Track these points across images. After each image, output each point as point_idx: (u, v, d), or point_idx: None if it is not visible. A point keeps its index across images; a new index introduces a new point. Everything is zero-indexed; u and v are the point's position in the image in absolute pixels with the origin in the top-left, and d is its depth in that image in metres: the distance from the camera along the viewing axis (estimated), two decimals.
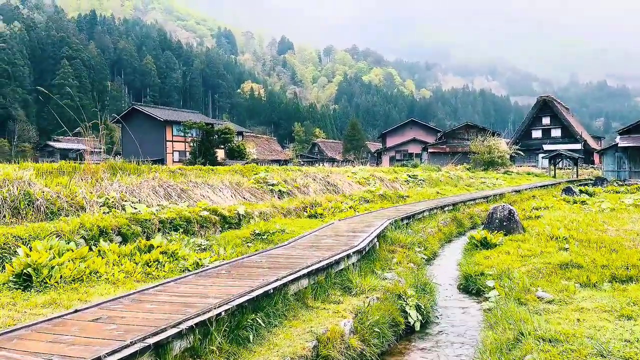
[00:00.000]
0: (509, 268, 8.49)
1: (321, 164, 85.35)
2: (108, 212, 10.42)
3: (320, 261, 6.28)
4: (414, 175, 27.68)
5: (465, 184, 27.95)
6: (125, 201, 11.21)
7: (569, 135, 74.29)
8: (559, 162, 50.95)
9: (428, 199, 20.38)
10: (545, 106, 76.67)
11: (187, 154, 47.79)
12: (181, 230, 10.67)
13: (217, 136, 47.80)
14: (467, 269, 8.81)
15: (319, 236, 9.24)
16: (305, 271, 5.72)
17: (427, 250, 10.89)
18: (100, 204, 10.65)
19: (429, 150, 57.90)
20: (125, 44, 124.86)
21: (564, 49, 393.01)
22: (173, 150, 50.88)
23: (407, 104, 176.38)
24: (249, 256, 7.22)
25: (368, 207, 16.43)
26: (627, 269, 8.05)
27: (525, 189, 26.46)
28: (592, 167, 58.92)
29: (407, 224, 12.61)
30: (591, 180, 42.74)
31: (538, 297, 6.61)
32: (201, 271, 6.23)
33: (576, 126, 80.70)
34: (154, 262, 7.49)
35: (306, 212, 14.82)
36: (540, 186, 29.46)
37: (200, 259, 7.49)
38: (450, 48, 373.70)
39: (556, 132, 75.38)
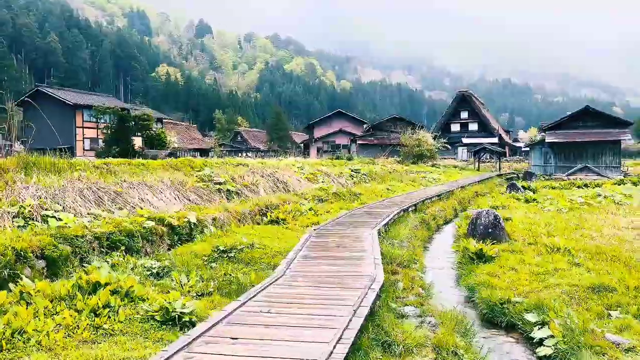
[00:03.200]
0: (537, 294, 7.25)
1: (245, 154, 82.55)
2: (24, 227, 7.93)
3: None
4: (356, 169, 26.47)
5: (410, 179, 27.21)
6: (46, 210, 8.71)
7: (486, 129, 77.51)
8: (483, 155, 52.45)
9: (381, 196, 19.18)
10: (463, 101, 79.39)
11: (100, 141, 43.45)
12: (123, 248, 8.41)
13: (134, 123, 43.78)
14: (485, 295, 7.46)
15: (307, 257, 7.46)
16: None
17: (418, 264, 9.48)
18: (13, 214, 8.12)
19: (357, 142, 57.37)
20: (25, 19, 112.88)
21: (475, 46, 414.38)
22: (84, 138, 46.09)
23: (328, 94, 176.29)
24: (243, 303, 5.27)
25: (328, 208, 14.84)
26: None
27: (467, 185, 26.18)
28: (513, 161, 61.63)
29: (381, 231, 11.15)
30: (514, 174, 44.24)
31: (612, 343, 5.34)
32: (195, 338, 4.19)
33: (492, 121, 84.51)
34: (104, 307, 5.35)
35: (265, 216, 12.91)
36: (479, 181, 29.50)
37: (169, 303, 5.43)
38: (370, 41, 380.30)
39: (473, 126, 78.37)
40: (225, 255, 8.65)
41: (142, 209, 10.67)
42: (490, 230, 11.21)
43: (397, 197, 18.64)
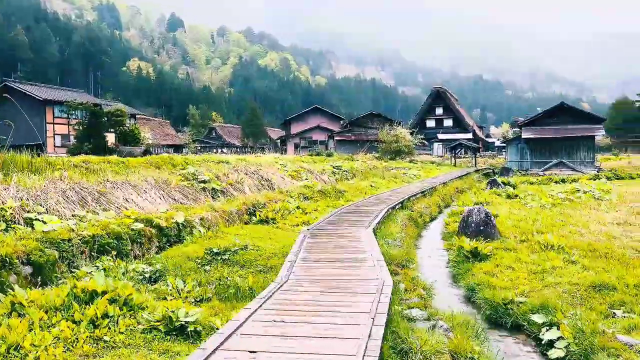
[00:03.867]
0: (539, 293, 7.22)
1: (220, 150, 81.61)
2: (6, 230, 7.50)
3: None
4: (337, 166, 26.34)
5: (391, 176, 27.21)
6: (29, 212, 8.27)
7: (460, 125, 78.46)
8: (459, 151, 53.00)
9: (366, 193, 19.07)
10: (438, 97, 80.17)
11: (72, 138, 42.13)
12: (113, 252, 8.06)
13: (107, 119, 42.61)
14: (488, 295, 7.39)
15: (307, 260, 7.26)
16: None
17: (413, 263, 9.38)
18: None
19: (335, 139, 57.26)
20: None
21: (446, 42, 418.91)
22: (54, 134, 44.64)
23: (303, 90, 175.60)
24: (253, 312, 5.03)
25: (315, 206, 14.64)
26: None
27: (448, 181, 26.32)
28: (486, 156, 62.49)
29: (375, 229, 11.01)
30: (490, 169, 44.82)
31: (625, 344, 5.30)
32: (212, 353, 3.92)
33: (466, 117, 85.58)
34: (103, 318, 5.04)
35: (252, 215, 12.64)
36: (458, 177, 29.71)
37: (172, 311, 5.15)
38: (344, 36, 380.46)
39: (448, 122, 79.23)
40: (219, 258, 8.37)
41: (127, 209, 10.28)
42: (481, 227, 11.20)
43: (382, 194, 18.56)
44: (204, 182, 14.34)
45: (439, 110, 79.67)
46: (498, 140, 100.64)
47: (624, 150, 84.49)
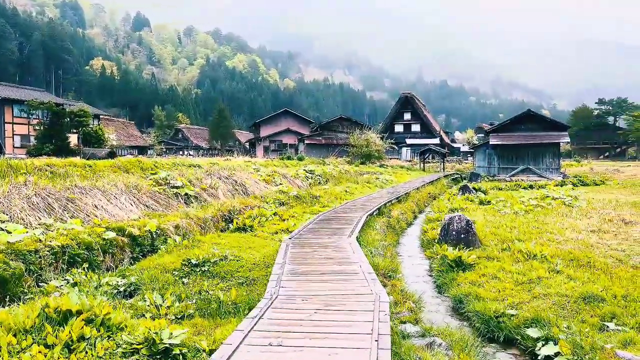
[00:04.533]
0: (529, 306, 7.11)
1: (187, 152, 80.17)
2: None
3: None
4: (310, 170, 26.06)
5: (364, 181, 27.08)
6: None
7: (428, 130, 79.50)
8: (427, 156, 53.57)
9: (341, 199, 18.84)
10: (406, 102, 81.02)
11: (32, 139, 40.56)
12: (84, 263, 7.54)
13: (69, 119, 41.19)
14: (479, 308, 7.23)
15: (295, 273, 6.93)
16: None
17: (399, 273, 9.17)
18: None
19: (305, 142, 56.96)
20: None
21: (413, 48, 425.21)
22: (13, 134, 42.86)
23: (272, 92, 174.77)
24: (246, 334, 4.68)
25: (291, 212, 14.29)
26: None
27: (420, 186, 26.40)
28: (453, 162, 63.39)
29: (358, 238, 10.77)
30: (458, 174, 45.43)
31: None
32: None
33: (433, 122, 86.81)
34: (78, 340, 4.59)
35: (228, 222, 12.21)
36: (429, 182, 29.87)
37: (155, 333, 4.73)
38: (312, 39, 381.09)
39: (416, 127, 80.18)
40: (197, 270, 7.94)
41: (97, 217, 9.73)
42: (462, 235, 11.12)
43: (358, 199, 18.36)
44: (177, 187, 13.82)
45: (407, 116, 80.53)
46: (463, 145, 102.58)
47: (584, 156, 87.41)
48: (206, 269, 7.94)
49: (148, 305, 6.36)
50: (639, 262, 9.40)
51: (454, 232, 11.20)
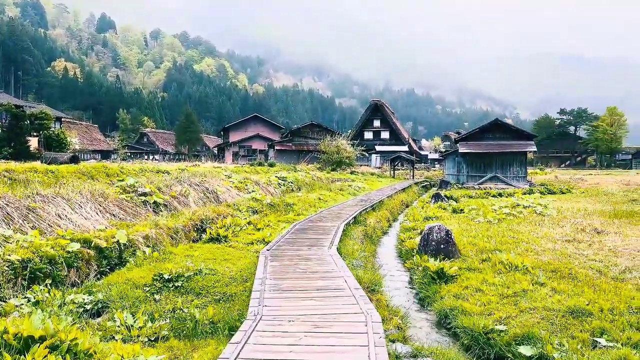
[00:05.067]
0: (517, 321, 6.91)
1: (152, 157, 78.44)
2: None
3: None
4: (282, 177, 25.64)
5: (337, 188, 26.81)
6: None
7: (397, 138, 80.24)
8: (397, 163, 53.87)
9: (315, 206, 18.50)
10: (376, 110, 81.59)
11: None
12: (46, 279, 6.95)
13: (29, 122, 39.63)
14: (467, 323, 6.98)
15: (277, 289, 6.53)
16: None
17: (382, 286, 8.87)
18: None
19: (276, 148, 56.45)
20: None
21: (381, 57, 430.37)
22: None
23: (241, 97, 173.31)
24: None
25: (266, 221, 13.85)
26: (639, 313, 7.13)
27: (393, 194, 26.31)
28: (421, 169, 63.96)
29: (338, 249, 10.43)
30: (427, 181, 45.78)
31: None
32: None
33: (402, 130, 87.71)
34: None
35: (200, 232, 11.68)
36: (401, 189, 29.86)
37: None
38: (281, 45, 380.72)
39: (385, 135, 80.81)
40: (170, 285, 7.44)
41: (60, 227, 9.09)
42: (442, 246, 10.93)
43: (333, 207, 18.05)
44: (145, 194, 13.19)
45: (377, 123, 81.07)
46: (430, 152, 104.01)
47: (546, 164, 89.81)
48: (180, 285, 7.45)
49: (118, 326, 5.86)
50: (619, 273, 9.39)
51: (433, 243, 11.00)
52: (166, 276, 7.58)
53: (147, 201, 13.04)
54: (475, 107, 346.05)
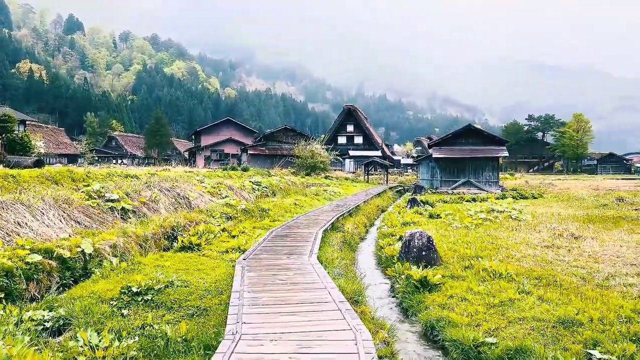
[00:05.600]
0: (507, 332, 6.63)
1: (121, 161, 76.62)
2: None
3: None
4: (257, 182, 25.10)
5: (313, 193, 26.38)
6: None
7: (370, 143, 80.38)
8: (371, 168, 53.84)
9: (291, 212, 18.06)
10: (349, 115, 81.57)
11: None
12: (1, 293, 6.33)
13: None
14: (456, 335, 6.66)
15: (257, 304, 6.08)
16: None
17: (364, 296, 8.50)
18: None
19: (249, 152, 55.71)
20: None
21: (354, 63, 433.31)
22: None
23: (212, 101, 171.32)
24: None
25: (240, 228, 13.34)
26: (630, 323, 6.94)
27: (369, 199, 26.07)
28: (395, 174, 64.16)
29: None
30: (401, 186, 45.87)
31: None
32: None
33: (375, 135, 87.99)
34: None
35: (172, 240, 11.11)
36: (377, 194, 29.66)
37: None
38: (255, 50, 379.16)
39: (359, 139, 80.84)
40: (139, 299, 6.90)
41: (20, 236, 8.42)
42: (424, 253, 10.65)
43: (309, 213, 17.62)
44: (113, 200, 12.53)
45: (350, 128, 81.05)
46: (402, 157, 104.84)
47: (516, 169, 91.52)
48: (150, 298, 6.91)
49: (81, 346, 5.31)
50: (602, 280, 9.26)
51: (415, 249, 10.71)
52: (135, 289, 7.03)
53: (115, 207, 12.37)
54: (446, 113, 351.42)
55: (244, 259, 8.66)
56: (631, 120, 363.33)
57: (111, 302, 6.81)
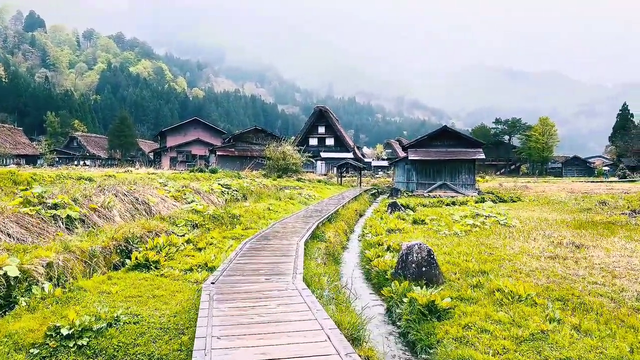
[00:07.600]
0: None
1: (83, 162, 73.14)
2: None
3: None
4: (226, 185, 23.28)
5: (287, 197, 24.65)
6: None
7: (342, 145, 79.18)
8: (344, 170, 52.51)
9: (265, 218, 16.36)
10: (321, 116, 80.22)
11: None
12: None
13: None
14: None
15: (229, 354, 4.41)
16: None
17: (364, 331, 6.92)
18: None
19: (217, 154, 53.51)
20: None
21: (323, 65, 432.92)
22: None
23: (180, 101, 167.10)
24: None
25: (209, 239, 11.59)
26: None
27: (347, 202, 24.58)
28: (367, 176, 63.01)
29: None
30: (374, 188, 44.62)
31: None
32: None
33: (346, 137, 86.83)
34: None
35: (125, 255, 9.28)
36: (353, 198, 28.20)
37: None
38: (224, 51, 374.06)
39: (330, 141, 79.56)
40: (71, 344, 5.13)
41: None
42: (424, 269, 9.16)
43: (285, 219, 15.94)
44: (56, 207, 10.60)
45: (322, 129, 79.70)
46: (373, 160, 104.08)
47: (484, 172, 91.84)
48: (85, 344, 5.15)
49: None
50: (635, 301, 7.94)
51: (413, 265, 9.21)
52: (65, 330, 5.25)
53: (59, 216, 10.44)
54: (414, 117, 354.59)
55: (212, 283, 6.93)
56: (590, 125, 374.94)
57: (31, 350, 5.03)
